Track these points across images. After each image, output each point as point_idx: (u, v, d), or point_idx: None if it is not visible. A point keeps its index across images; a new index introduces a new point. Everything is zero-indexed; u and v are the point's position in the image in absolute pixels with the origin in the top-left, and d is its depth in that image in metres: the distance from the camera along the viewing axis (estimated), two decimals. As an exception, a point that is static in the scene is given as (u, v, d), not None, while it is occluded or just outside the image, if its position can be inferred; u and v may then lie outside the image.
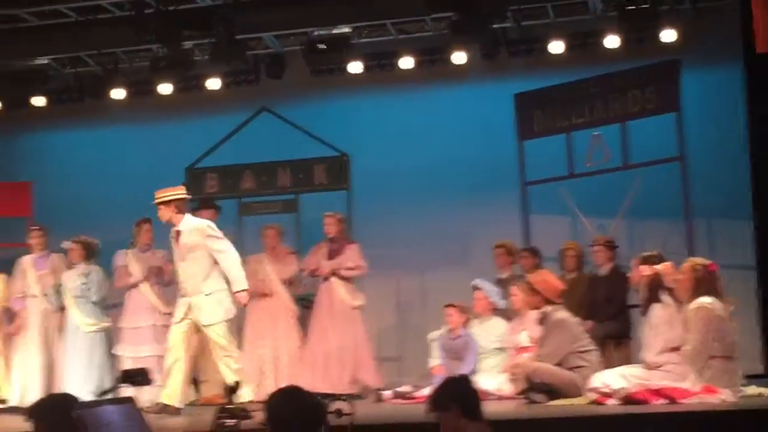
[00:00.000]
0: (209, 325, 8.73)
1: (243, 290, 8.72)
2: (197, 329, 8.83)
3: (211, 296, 8.74)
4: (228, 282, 8.77)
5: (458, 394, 4.95)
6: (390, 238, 12.04)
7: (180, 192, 8.95)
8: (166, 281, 10.31)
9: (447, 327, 9.63)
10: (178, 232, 8.86)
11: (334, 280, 10.26)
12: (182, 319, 8.83)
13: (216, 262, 8.78)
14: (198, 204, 10.79)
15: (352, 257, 10.29)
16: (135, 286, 10.24)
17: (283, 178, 11.87)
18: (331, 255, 10.33)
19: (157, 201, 8.88)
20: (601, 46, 11.22)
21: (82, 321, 10.10)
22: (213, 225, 8.92)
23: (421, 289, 12.16)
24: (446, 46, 11.61)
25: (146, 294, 10.23)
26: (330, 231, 10.37)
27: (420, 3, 10.39)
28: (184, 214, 8.90)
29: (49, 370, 10.36)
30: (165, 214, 8.87)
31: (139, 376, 4.90)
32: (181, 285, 8.95)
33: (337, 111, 12.47)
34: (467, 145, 12.00)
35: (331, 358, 10.07)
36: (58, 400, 4.47)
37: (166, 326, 9.98)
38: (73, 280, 10.22)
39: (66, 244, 10.49)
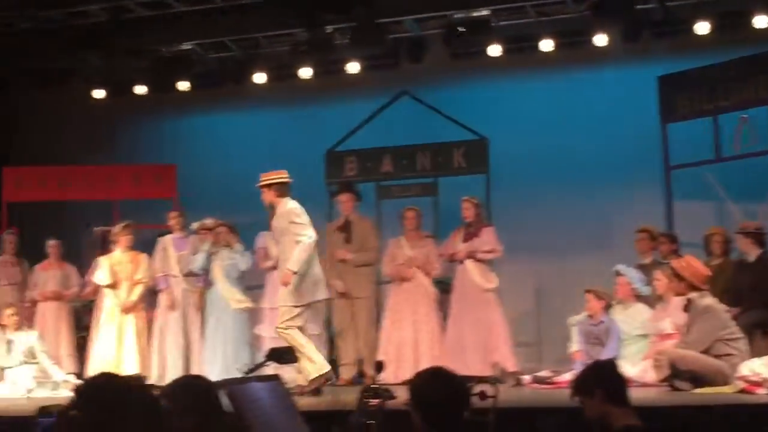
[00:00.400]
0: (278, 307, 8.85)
1: (290, 270, 8.68)
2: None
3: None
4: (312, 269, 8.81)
5: (603, 379, 4.87)
6: (529, 222, 11.95)
7: (281, 176, 9.00)
8: None
9: (587, 312, 9.50)
10: (272, 216, 8.95)
11: (468, 263, 10.23)
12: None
13: None
14: (337, 188, 10.89)
15: (488, 241, 10.25)
16: (274, 268, 10.40)
17: (422, 161, 11.85)
18: (467, 238, 10.31)
19: (260, 184, 8.96)
20: (749, 26, 10.91)
21: (232, 298, 10.30)
22: (298, 211, 8.88)
23: (560, 274, 12.01)
24: (587, 28, 11.44)
25: None
26: (467, 215, 10.35)
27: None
28: (285, 197, 8.94)
29: (187, 350, 10.60)
30: (267, 197, 8.97)
31: (286, 354, 4.96)
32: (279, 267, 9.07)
33: (477, 94, 12.42)
34: (609, 129, 11.81)
35: (466, 342, 10.06)
36: (191, 382, 4.54)
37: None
38: (222, 259, 10.44)
39: (194, 226, 10.73)
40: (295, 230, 8.78)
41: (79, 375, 10.40)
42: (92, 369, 10.32)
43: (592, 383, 4.82)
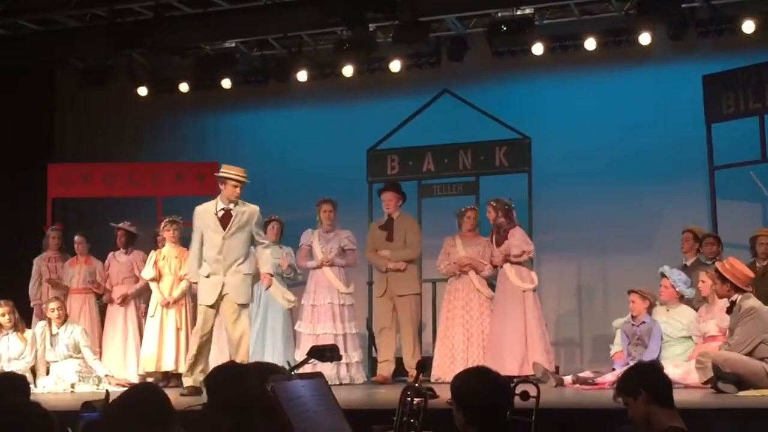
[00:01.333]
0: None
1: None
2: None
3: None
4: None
5: (648, 380, 4.83)
6: (571, 221, 11.92)
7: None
8: (347, 262, 10.50)
9: (631, 313, 9.43)
10: (228, 211, 9.12)
11: (506, 266, 10.23)
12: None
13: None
14: (383, 186, 10.88)
15: (516, 244, 10.22)
16: (317, 268, 10.45)
17: (464, 160, 11.80)
18: (499, 242, 10.30)
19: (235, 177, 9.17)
20: (796, 26, 10.79)
21: (281, 297, 10.36)
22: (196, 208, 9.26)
23: (603, 274, 11.98)
24: (632, 26, 11.37)
25: (326, 273, 10.42)
26: (490, 218, 10.37)
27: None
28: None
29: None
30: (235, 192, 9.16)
31: (329, 352, 4.96)
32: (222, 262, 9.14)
33: (519, 93, 12.40)
34: (652, 128, 11.74)
35: (504, 342, 10.04)
36: (231, 370, 4.57)
37: (345, 305, 10.25)
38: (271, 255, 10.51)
39: None
40: (259, 231, 9.23)
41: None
42: (140, 365, 10.46)
43: (637, 384, 4.79)
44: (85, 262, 11.41)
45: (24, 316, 10.58)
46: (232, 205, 9.07)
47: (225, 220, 9.04)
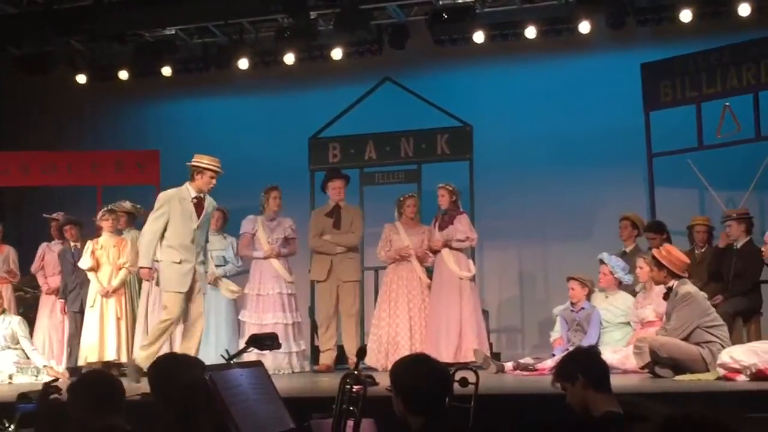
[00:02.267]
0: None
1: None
2: None
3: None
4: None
5: (585, 365, 4.88)
6: (512, 209, 12.01)
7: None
8: (289, 251, 10.50)
9: (570, 299, 9.53)
10: (200, 200, 9.06)
11: (444, 251, 10.23)
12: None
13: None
14: (328, 174, 10.86)
15: (462, 229, 10.25)
16: (263, 258, 10.43)
17: (406, 148, 11.82)
18: (443, 226, 10.32)
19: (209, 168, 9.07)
20: (734, 15, 10.95)
21: (225, 288, 10.31)
22: (163, 193, 9.07)
23: (544, 261, 12.09)
24: (572, 15, 11.44)
25: (273, 263, 10.40)
26: (442, 202, 10.37)
27: (546, -29, 10.26)
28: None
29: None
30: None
31: (268, 341, 4.96)
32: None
33: (461, 81, 12.44)
34: (592, 116, 11.86)
35: (440, 330, 10.08)
36: (170, 360, 4.55)
37: (291, 295, 10.24)
38: (213, 245, 10.46)
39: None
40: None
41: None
42: (81, 355, 10.37)
43: (574, 369, 4.84)
44: None
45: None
46: (202, 195, 9.00)
47: (198, 209, 8.98)
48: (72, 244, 11.03)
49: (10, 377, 9.85)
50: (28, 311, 11.33)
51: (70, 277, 10.92)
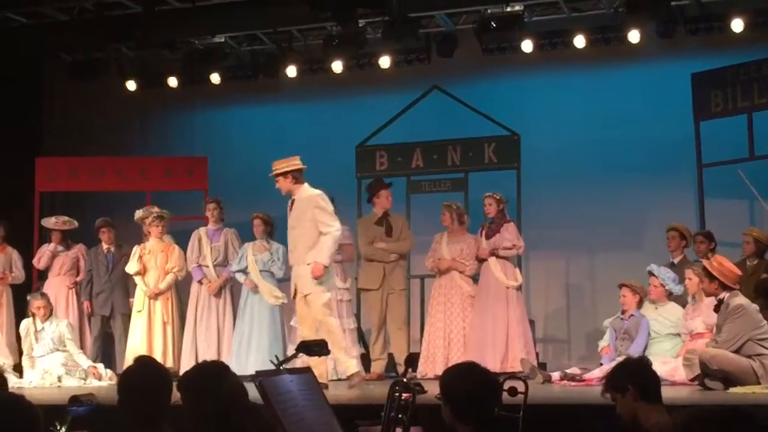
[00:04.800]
0: (306, 295, 8.70)
1: (321, 264, 8.60)
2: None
3: (311, 266, 8.66)
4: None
5: (636, 376, 4.84)
6: (560, 218, 11.94)
7: (295, 162, 8.99)
8: (345, 257, 10.51)
9: (622, 307, 9.45)
10: (292, 202, 8.93)
11: (491, 260, 10.25)
12: (294, 291, 8.89)
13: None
14: (375, 184, 10.87)
15: (508, 237, 10.24)
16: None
17: (453, 156, 11.81)
18: (490, 235, 10.32)
19: (274, 173, 8.94)
20: (787, 24, 10.81)
21: (268, 293, 10.34)
22: (325, 197, 8.88)
23: (591, 271, 12.00)
24: (621, 24, 11.37)
25: None
26: (489, 211, 10.38)
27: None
28: (302, 184, 8.93)
29: (219, 341, 10.69)
30: (284, 185, 8.96)
31: (317, 347, 4.96)
32: (290, 254, 9.03)
33: (508, 90, 12.39)
34: (641, 126, 11.77)
35: (486, 339, 10.05)
36: (207, 370, 4.53)
37: (342, 301, 10.24)
38: (258, 252, 10.49)
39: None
40: (322, 219, 8.73)
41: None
42: (127, 357, 10.43)
43: (625, 380, 4.80)
44: (1, 251, 11.38)
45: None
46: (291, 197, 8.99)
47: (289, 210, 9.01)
48: (105, 246, 11.13)
49: (59, 379, 9.96)
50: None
51: (100, 280, 11.00)
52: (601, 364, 9.20)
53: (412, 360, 5.19)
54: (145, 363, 4.49)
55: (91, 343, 10.98)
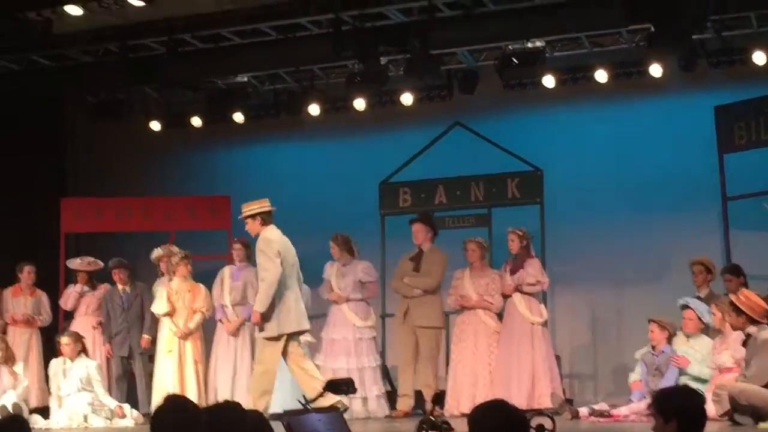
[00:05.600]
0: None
1: (256, 311, 8.83)
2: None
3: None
4: (288, 298, 8.84)
5: (684, 409, 4.67)
6: (584, 253, 11.91)
7: (264, 205, 9.03)
8: (366, 295, 10.51)
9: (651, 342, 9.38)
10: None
11: (515, 296, 10.23)
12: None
13: None
14: (416, 217, 10.83)
15: (532, 273, 10.20)
16: (335, 302, 10.49)
17: (476, 192, 11.82)
18: (514, 271, 10.29)
19: (242, 216, 8.97)
20: (809, 56, 10.79)
21: None
22: (269, 240, 8.90)
23: (617, 305, 11.94)
24: (643, 58, 11.38)
25: (342, 308, 10.45)
26: (512, 247, 10.35)
27: (617, 15, 10.23)
28: (268, 225, 8.98)
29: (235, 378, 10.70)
30: (252, 227, 9.02)
31: (344, 386, 4.96)
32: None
33: (531, 125, 12.40)
34: (665, 159, 11.75)
35: (511, 375, 10.00)
36: (177, 404, 4.52)
37: (362, 339, 10.23)
38: None
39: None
40: (260, 262, 8.85)
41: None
42: (156, 398, 10.44)
43: (673, 410, 4.63)
44: (30, 294, 11.41)
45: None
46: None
47: None
48: (120, 287, 11.16)
49: (85, 419, 9.97)
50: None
51: (116, 321, 11.03)
52: (631, 401, 9.14)
53: (440, 398, 5.16)
54: (176, 401, 4.49)
55: (114, 385, 10.98)
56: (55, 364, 10.40)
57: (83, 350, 10.44)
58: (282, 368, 10.33)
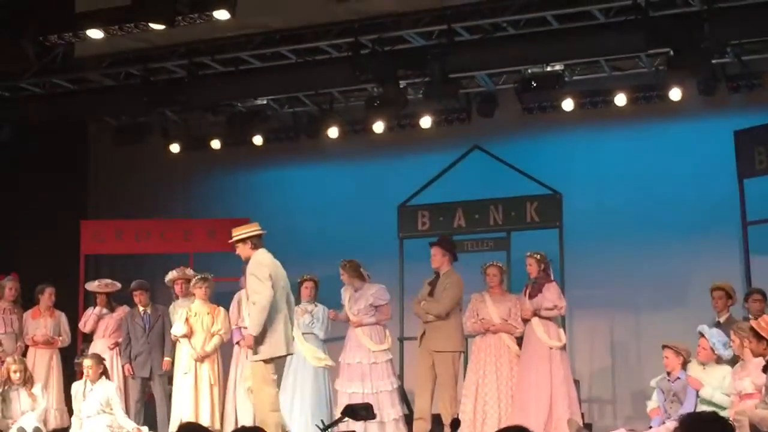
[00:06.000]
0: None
1: (249, 334, 8.79)
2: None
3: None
4: (278, 321, 8.78)
5: None
6: (603, 277, 11.88)
7: (255, 229, 9.03)
8: (378, 318, 10.51)
9: (666, 369, 9.32)
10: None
11: (534, 320, 10.15)
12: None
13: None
14: (435, 240, 10.82)
15: (550, 298, 10.16)
16: (348, 321, 10.49)
17: (495, 216, 11.80)
18: (533, 295, 10.23)
19: (233, 240, 8.97)
20: (829, 81, 10.77)
21: (311, 355, 10.32)
22: (260, 263, 8.85)
23: (636, 330, 11.90)
24: (662, 82, 11.38)
25: (356, 332, 10.44)
26: (531, 272, 10.28)
27: (637, 39, 10.20)
28: (258, 249, 8.96)
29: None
30: (243, 251, 8.98)
31: (363, 411, 4.96)
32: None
33: (550, 148, 12.41)
34: (684, 183, 11.74)
35: (530, 400, 9.96)
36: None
37: (375, 363, 10.21)
38: (300, 317, 10.52)
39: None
40: (251, 285, 8.80)
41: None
42: (174, 419, 10.45)
43: None
44: (50, 315, 11.45)
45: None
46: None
47: None
48: (141, 309, 11.18)
49: (104, 441, 9.99)
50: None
51: (138, 342, 11.04)
52: (650, 427, 9.07)
53: (456, 424, 5.15)
54: (190, 430, 4.50)
55: (132, 406, 10.98)
56: (76, 386, 10.43)
57: (104, 372, 10.46)
58: (302, 393, 10.36)
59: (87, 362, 10.39)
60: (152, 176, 14.22)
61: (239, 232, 8.99)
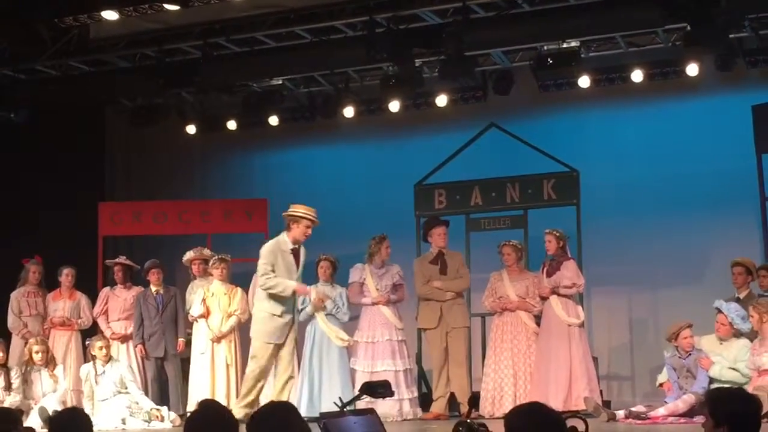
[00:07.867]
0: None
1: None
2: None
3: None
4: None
5: (738, 417, 4.57)
6: (621, 254, 11.84)
7: (302, 211, 9.29)
8: (398, 297, 10.51)
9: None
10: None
11: (552, 298, 10.18)
12: None
13: None
14: (429, 222, 10.87)
15: (568, 275, 10.15)
16: (372, 305, 10.48)
17: (511, 193, 11.76)
18: (551, 273, 10.26)
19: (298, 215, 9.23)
20: None
21: (334, 336, 10.28)
22: (268, 245, 9.18)
23: (654, 307, 11.88)
24: (679, 57, 11.30)
25: (382, 310, 10.43)
26: (549, 248, 10.30)
27: (653, 15, 10.16)
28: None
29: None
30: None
31: (381, 388, 4.95)
32: None
33: (566, 126, 12.35)
34: (701, 159, 11.67)
35: (549, 377, 9.97)
36: (277, 411, 4.50)
37: (402, 341, 10.25)
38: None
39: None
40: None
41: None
42: (191, 399, 10.49)
43: (726, 415, 4.55)
44: (69, 297, 11.47)
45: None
46: (297, 246, 9.14)
47: (296, 260, 9.15)
48: (154, 288, 11.19)
49: (123, 421, 10.02)
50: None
51: (151, 322, 11.05)
52: (666, 402, 9.07)
53: (475, 400, 5.15)
54: (209, 407, 4.51)
55: (149, 386, 11.02)
56: (86, 369, 10.47)
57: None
58: (330, 372, 10.37)
59: (98, 344, 10.42)
60: (169, 157, 14.25)
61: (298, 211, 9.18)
